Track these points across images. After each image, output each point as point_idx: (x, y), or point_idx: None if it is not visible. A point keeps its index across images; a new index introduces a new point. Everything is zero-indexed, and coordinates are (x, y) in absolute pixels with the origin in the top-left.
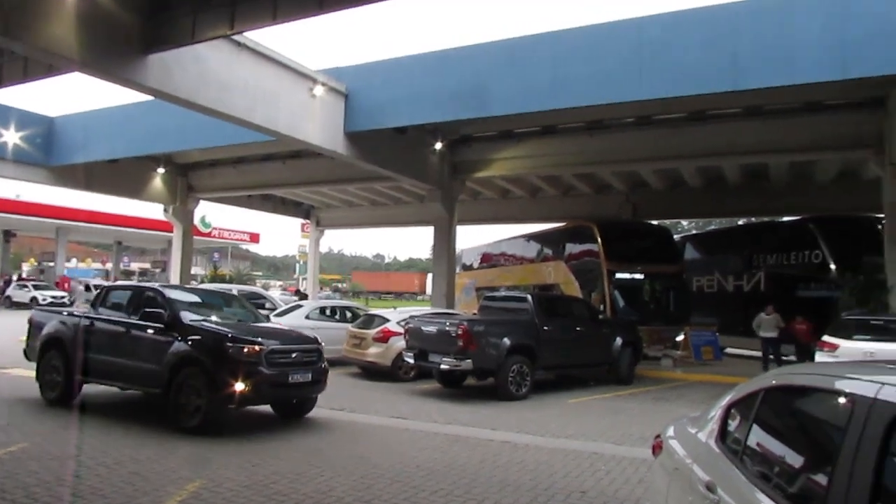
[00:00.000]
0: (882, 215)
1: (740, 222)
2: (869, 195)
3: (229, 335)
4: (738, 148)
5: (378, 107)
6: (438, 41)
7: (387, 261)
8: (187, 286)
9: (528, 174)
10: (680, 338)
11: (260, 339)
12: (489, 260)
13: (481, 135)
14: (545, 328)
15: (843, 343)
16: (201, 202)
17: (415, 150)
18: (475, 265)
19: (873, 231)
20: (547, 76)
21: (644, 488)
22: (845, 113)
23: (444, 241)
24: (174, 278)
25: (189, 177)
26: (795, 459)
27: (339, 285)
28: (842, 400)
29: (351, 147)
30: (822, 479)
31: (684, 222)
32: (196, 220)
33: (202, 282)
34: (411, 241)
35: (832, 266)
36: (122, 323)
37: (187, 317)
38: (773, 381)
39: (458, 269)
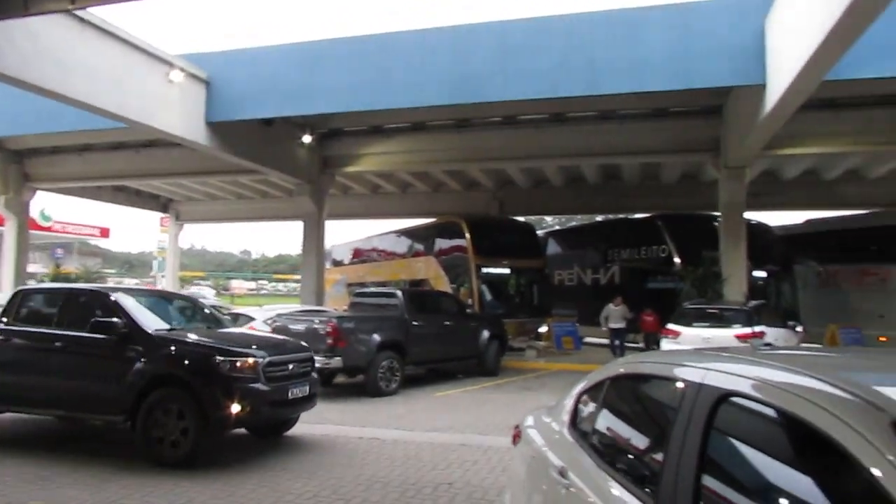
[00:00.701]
0: (719, 213)
1: (599, 219)
2: (708, 195)
3: (217, 347)
4: (595, 149)
5: (242, 97)
6: (312, 33)
7: (254, 257)
8: (129, 288)
9: (399, 170)
10: (543, 329)
11: (253, 351)
12: (360, 255)
13: (351, 129)
14: (415, 324)
15: (685, 330)
16: (40, 193)
17: (283, 142)
18: (346, 261)
19: (711, 228)
20: (413, 74)
21: (508, 477)
22: (687, 119)
23: (314, 237)
24: (6, 278)
25: (25, 164)
26: (637, 441)
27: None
28: (675, 385)
29: (213, 137)
30: (658, 456)
31: (549, 218)
32: (34, 213)
33: (42, 281)
34: (280, 237)
35: (676, 259)
36: (55, 336)
37: (150, 326)
38: (619, 370)
39: (328, 265)
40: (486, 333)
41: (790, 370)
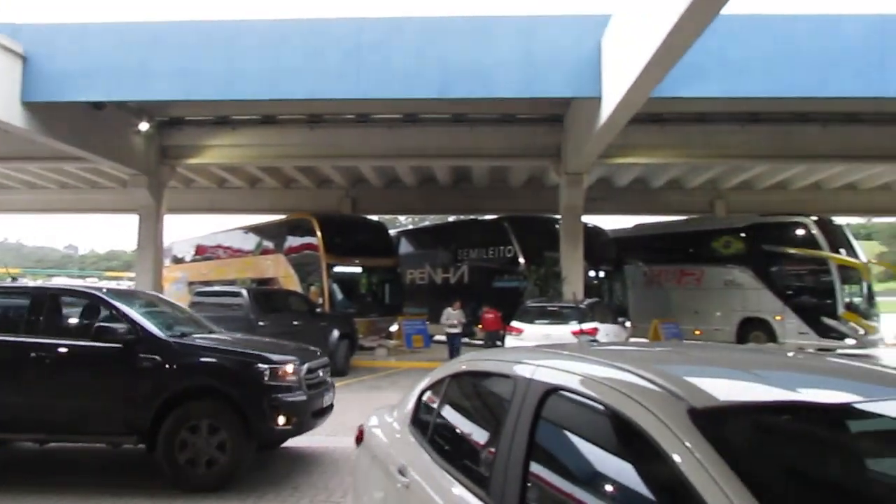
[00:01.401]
0: (560, 216)
1: (451, 219)
2: (551, 199)
3: (255, 353)
4: (446, 151)
5: (65, 76)
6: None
7: (82, 252)
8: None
9: (247, 164)
10: (394, 328)
11: (293, 358)
12: (204, 253)
13: (195, 119)
14: (261, 324)
15: (527, 327)
16: None
17: (115, 129)
18: (188, 258)
19: (553, 230)
20: (264, 65)
21: (353, 478)
22: (533, 126)
23: (151, 232)
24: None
25: None
26: (474, 436)
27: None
28: (508, 381)
29: (31, 119)
30: (492, 449)
31: (402, 218)
32: None
33: None
34: (113, 231)
35: (521, 259)
36: (33, 346)
37: (161, 331)
38: (460, 368)
39: (167, 262)
40: (335, 333)
41: (607, 364)
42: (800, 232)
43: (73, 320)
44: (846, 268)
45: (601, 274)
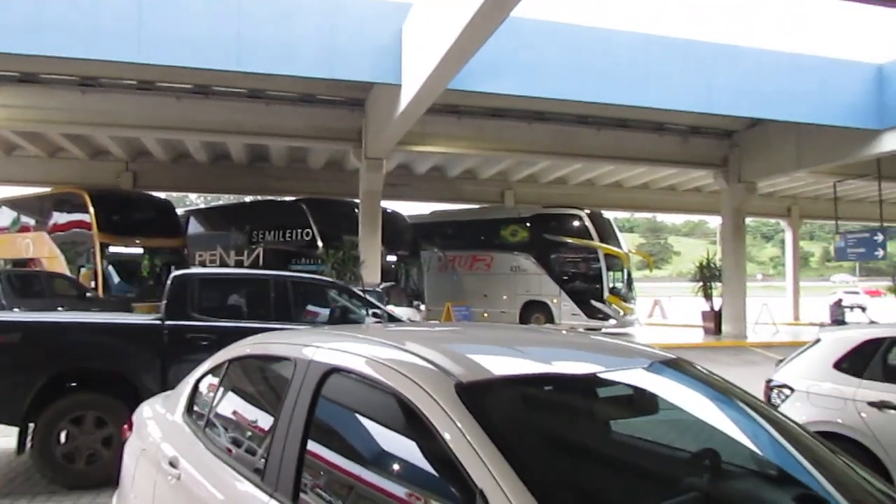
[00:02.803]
0: (359, 200)
1: (248, 199)
2: (351, 183)
3: None
4: (242, 127)
5: None
6: None
7: None
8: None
9: (1, 128)
10: None
11: None
12: None
13: None
14: (14, 310)
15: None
16: None
17: None
18: None
19: (352, 214)
20: (25, 16)
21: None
22: (334, 108)
23: None
24: None
25: None
26: (252, 421)
27: None
28: (289, 363)
29: None
30: (270, 433)
31: (193, 196)
32: None
33: None
34: None
35: (319, 243)
36: None
37: None
38: (240, 351)
39: None
40: None
41: (386, 344)
42: (575, 223)
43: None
44: (611, 256)
45: (398, 258)
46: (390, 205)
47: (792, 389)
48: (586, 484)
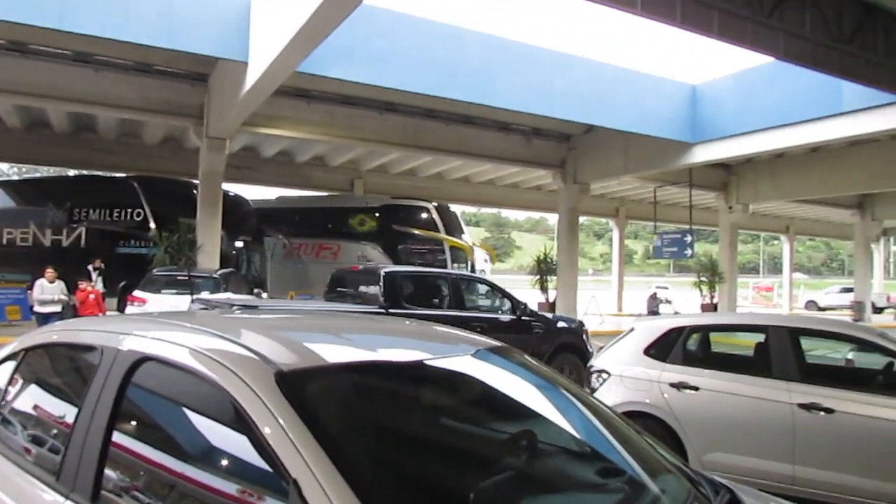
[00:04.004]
0: (199, 181)
1: (72, 173)
2: (191, 162)
3: None
4: (65, 93)
5: None
6: None
7: None
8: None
9: None
10: None
11: None
12: None
13: None
14: None
15: (153, 297)
16: None
17: None
18: None
19: (190, 195)
20: None
21: None
22: (173, 81)
23: None
24: None
25: None
26: (52, 415)
27: None
28: (95, 352)
29: None
30: (69, 428)
31: (4, 166)
32: None
33: None
34: None
35: (152, 224)
36: None
37: None
38: (41, 339)
39: None
40: None
41: (205, 332)
42: (423, 215)
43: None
44: (457, 249)
45: (240, 244)
46: (233, 188)
47: (609, 374)
48: (408, 470)
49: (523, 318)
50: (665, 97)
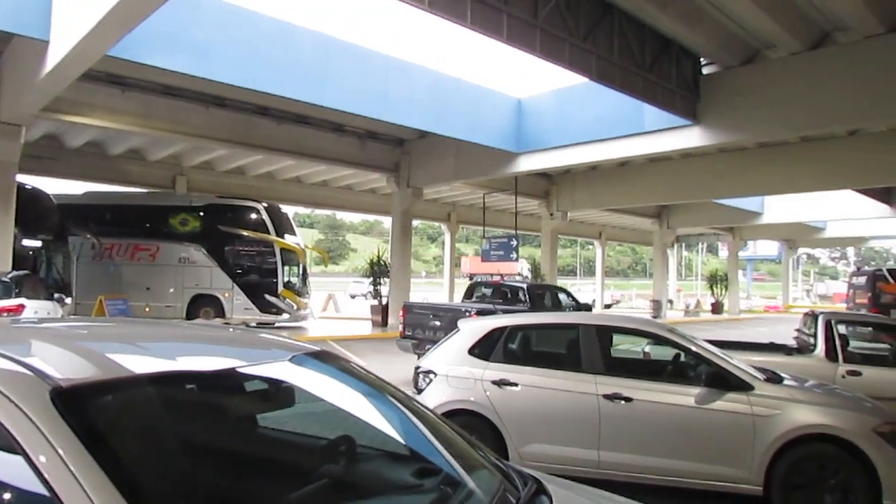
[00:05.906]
0: None
1: None
2: None
3: None
4: None
5: None
6: None
7: None
8: None
9: None
10: None
11: None
12: None
13: None
14: None
15: None
16: None
17: None
18: None
19: None
20: None
21: None
22: None
23: None
24: None
25: None
26: None
27: None
28: None
29: None
30: None
31: None
32: None
33: None
34: None
35: None
36: None
37: None
38: None
39: None
40: None
41: None
42: (252, 216)
43: None
44: (287, 251)
45: (38, 244)
46: (32, 180)
47: (435, 374)
48: (216, 489)
49: None
50: (494, 108)
